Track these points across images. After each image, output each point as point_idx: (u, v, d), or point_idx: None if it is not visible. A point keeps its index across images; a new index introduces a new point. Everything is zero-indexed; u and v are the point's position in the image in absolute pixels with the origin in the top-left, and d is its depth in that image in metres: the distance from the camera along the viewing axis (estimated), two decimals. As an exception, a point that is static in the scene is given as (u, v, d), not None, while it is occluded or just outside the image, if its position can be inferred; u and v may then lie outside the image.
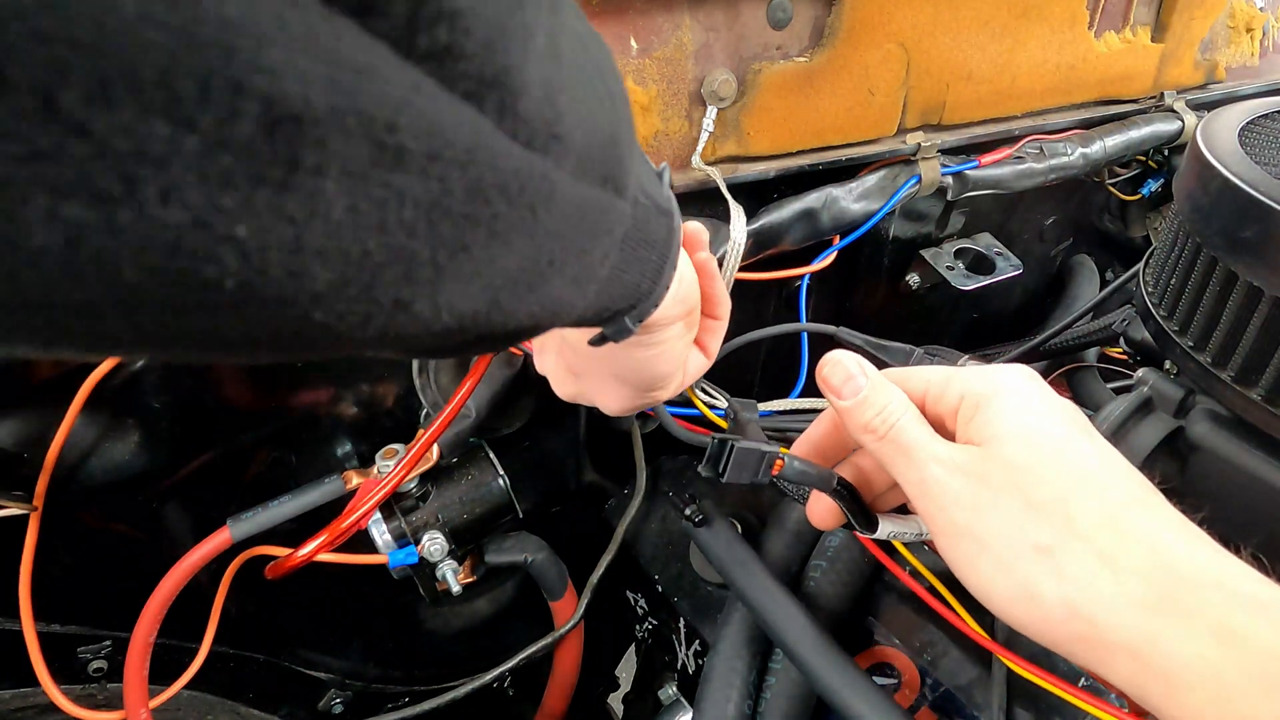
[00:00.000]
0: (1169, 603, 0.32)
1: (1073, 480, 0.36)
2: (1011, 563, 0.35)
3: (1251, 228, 0.48)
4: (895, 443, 0.39)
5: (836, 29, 0.68)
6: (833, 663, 0.50)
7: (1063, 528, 0.35)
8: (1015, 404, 0.38)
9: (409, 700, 0.68)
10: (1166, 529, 0.35)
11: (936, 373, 0.42)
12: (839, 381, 0.41)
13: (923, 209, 0.84)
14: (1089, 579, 0.33)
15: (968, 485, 0.37)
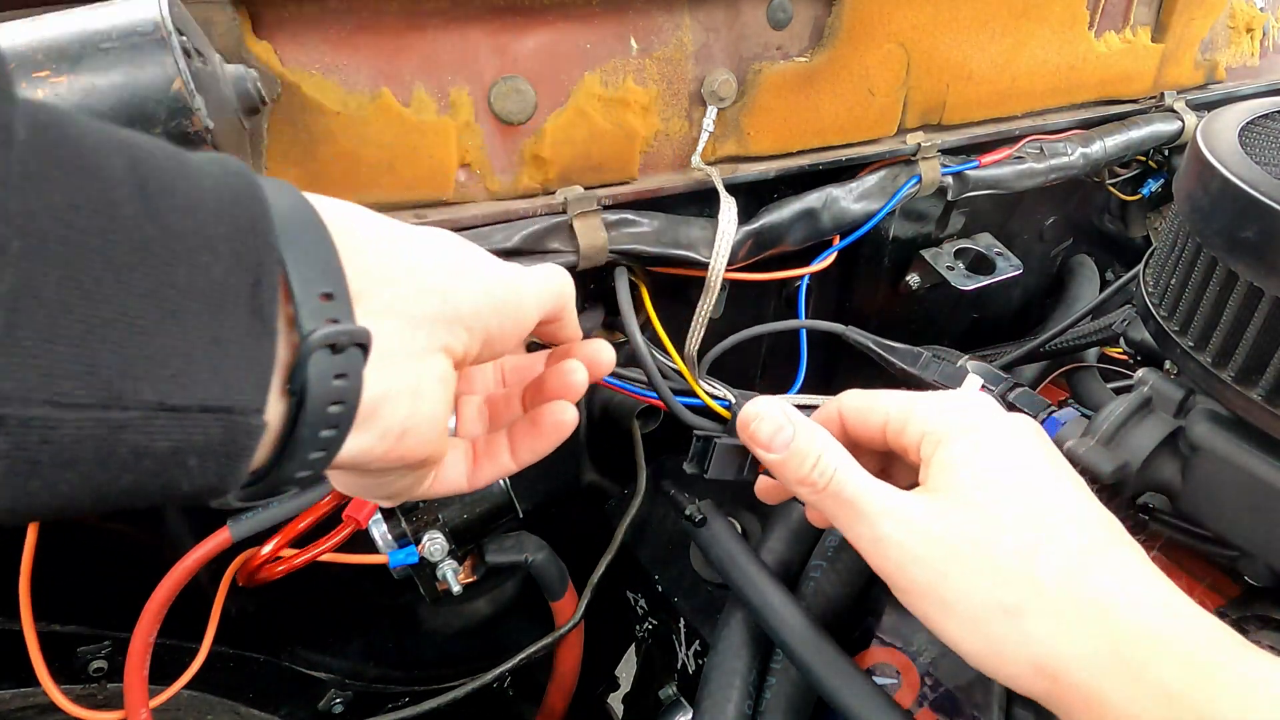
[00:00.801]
0: (1119, 663, 0.33)
1: (1034, 531, 0.36)
2: (979, 624, 0.36)
3: (1251, 228, 0.48)
4: (838, 496, 0.38)
5: (836, 29, 0.68)
6: (833, 663, 0.50)
7: (1026, 587, 0.35)
8: (971, 446, 0.38)
9: (409, 700, 0.68)
10: (1124, 580, 0.36)
11: (896, 405, 0.41)
12: (767, 435, 0.40)
13: (923, 209, 0.84)
14: (1051, 640, 0.34)
15: (927, 543, 0.36)
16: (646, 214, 0.64)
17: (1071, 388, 0.90)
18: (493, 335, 0.36)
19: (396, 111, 0.55)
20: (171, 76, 0.41)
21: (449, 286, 0.33)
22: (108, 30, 0.41)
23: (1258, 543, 0.53)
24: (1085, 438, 0.57)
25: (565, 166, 0.61)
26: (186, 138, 0.43)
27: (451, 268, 0.34)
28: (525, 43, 0.58)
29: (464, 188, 0.59)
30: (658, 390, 0.64)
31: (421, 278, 0.32)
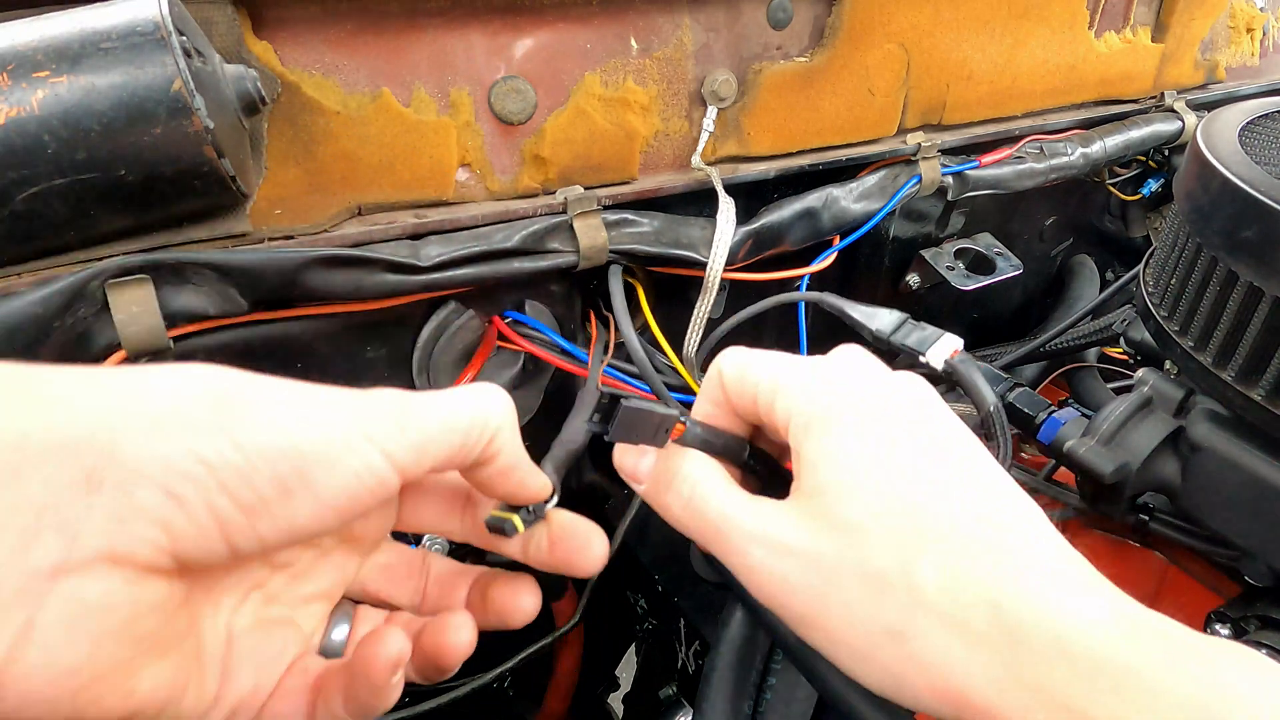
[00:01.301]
0: (1015, 678, 0.29)
1: (911, 537, 0.31)
2: (867, 654, 0.31)
3: (1251, 228, 0.48)
4: (701, 518, 0.34)
5: (837, 29, 0.68)
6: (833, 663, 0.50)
7: (908, 602, 0.31)
8: (840, 436, 0.33)
9: (409, 700, 0.68)
10: (1014, 578, 0.31)
11: (766, 376, 0.36)
12: (631, 466, 0.37)
13: (923, 209, 0.84)
14: (945, 661, 0.30)
15: (801, 568, 0.32)
16: (646, 214, 0.64)
17: (1071, 388, 0.90)
18: (246, 516, 0.26)
19: (397, 111, 0.55)
20: (171, 76, 0.41)
21: (119, 441, 0.24)
22: (108, 30, 0.41)
23: (1258, 542, 0.53)
24: (1085, 438, 0.57)
25: (565, 166, 0.61)
26: (186, 138, 0.43)
27: (131, 412, 0.24)
28: (525, 43, 0.58)
29: (464, 188, 0.59)
30: (651, 385, 0.64)
31: (54, 431, 0.23)
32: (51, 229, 0.44)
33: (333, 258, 0.50)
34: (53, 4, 0.44)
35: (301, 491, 0.27)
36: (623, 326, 0.63)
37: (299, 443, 0.27)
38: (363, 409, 0.29)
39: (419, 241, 0.55)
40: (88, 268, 0.45)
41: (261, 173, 0.52)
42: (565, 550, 0.38)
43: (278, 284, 0.49)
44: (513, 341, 0.62)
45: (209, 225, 0.49)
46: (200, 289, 0.48)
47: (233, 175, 0.46)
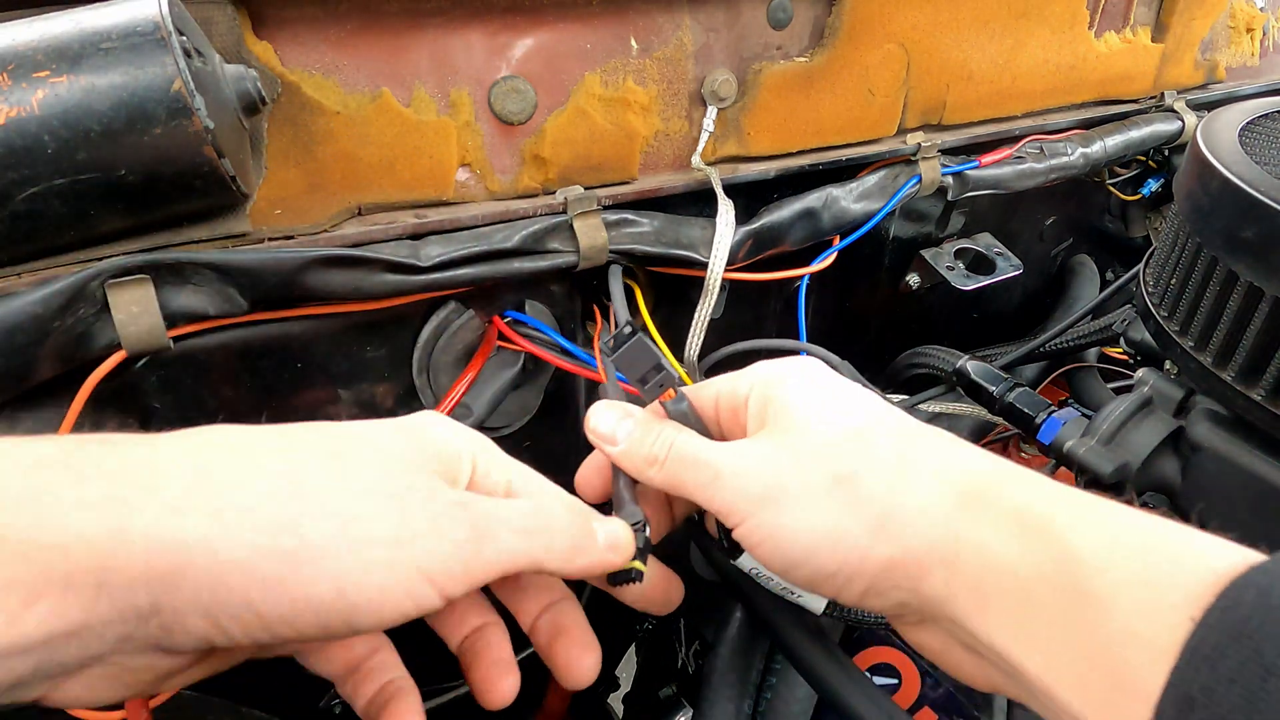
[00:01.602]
0: (971, 497, 0.32)
1: (864, 418, 0.36)
2: (813, 504, 0.34)
3: (1251, 228, 0.48)
4: (680, 459, 0.38)
5: (837, 29, 0.68)
6: (833, 663, 0.50)
7: (858, 453, 0.34)
8: (802, 381, 0.38)
9: (409, 700, 0.68)
10: (959, 444, 0.35)
11: (725, 378, 0.41)
12: (609, 428, 0.40)
13: (923, 209, 0.84)
14: (891, 492, 0.33)
15: (758, 460, 0.36)
16: (646, 214, 0.64)
17: (1071, 388, 0.90)
18: (280, 644, 0.31)
19: (397, 111, 0.55)
20: (171, 76, 0.41)
21: (182, 585, 0.26)
22: (108, 30, 0.41)
23: (1258, 542, 0.53)
24: (1085, 438, 0.57)
25: (565, 166, 0.61)
26: (186, 138, 0.43)
27: (197, 557, 0.26)
28: (525, 43, 0.58)
29: (464, 188, 0.59)
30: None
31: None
32: (51, 229, 0.44)
33: (333, 258, 0.50)
34: (53, 4, 0.44)
35: (342, 629, 0.30)
36: (621, 325, 0.63)
37: (354, 600, 0.29)
38: (433, 547, 0.30)
39: (419, 241, 0.55)
40: (88, 268, 0.45)
41: (261, 173, 0.52)
42: (657, 593, 0.42)
43: (278, 284, 0.49)
44: (513, 341, 0.62)
45: (209, 225, 0.49)
46: (200, 289, 0.48)
47: (233, 175, 0.46)
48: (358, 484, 0.30)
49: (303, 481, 0.29)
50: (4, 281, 0.45)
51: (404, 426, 0.35)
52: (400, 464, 0.32)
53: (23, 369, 0.44)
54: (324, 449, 0.31)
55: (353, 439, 0.32)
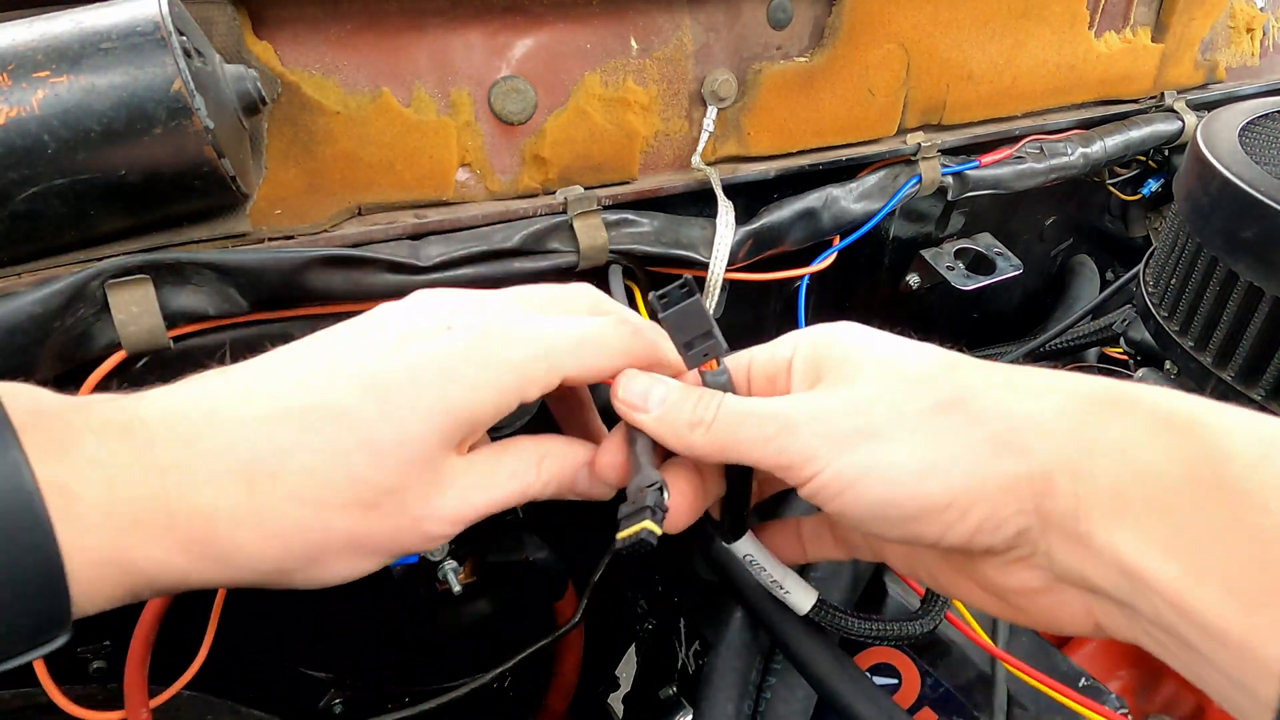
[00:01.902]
0: (1102, 403, 0.30)
1: (945, 354, 0.34)
2: (916, 435, 0.31)
3: (1251, 228, 0.48)
4: (731, 416, 0.34)
5: (837, 29, 0.68)
6: (832, 663, 0.50)
7: (960, 380, 0.32)
8: (861, 334, 0.36)
9: (409, 700, 0.68)
10: (1055, 371, 0.33)
11: (760, 347, 0.39)
12: (638, 396, 0.36)
13: (923, 209, 0.84)
14: (1006, 408, 0.31)
15: (840, 400, 0.33)
16: (647, 214, 0.64)
17: (1071, 388, 0.90)
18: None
19: (397, 111, 0.55)
20: (171, 76, 0.41)
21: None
22: (108, 30, 0.41)
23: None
24: (1085, 438, 0.57)
25: (565, 166, 0.61)
26: (186, 138, 0.43)
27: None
28: (525, 43, 0.58)
29: (464, 188, 0.59)
30: None
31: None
32: (51, 229, 0.44)
33: (333, 258, 0.50)
34: (53, 4, 0.44)
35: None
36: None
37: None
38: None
39: (419, 241, 0.55)
40: (88, 268, 0.45)
41: (261, 173, 0.52)
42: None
43: (278, 284, 0.49)
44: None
45: (209, 225, 0.49)
46: (200, 289, 0.48)
47: (233, 175, 0.46)
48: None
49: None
50: (4, 281, 0.45)
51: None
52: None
53: (23, 369, 0.44)
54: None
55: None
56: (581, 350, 0.35)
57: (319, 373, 0.31)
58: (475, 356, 0.32)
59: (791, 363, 0.37)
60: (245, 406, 0.30)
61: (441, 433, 0.31)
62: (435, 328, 0.32)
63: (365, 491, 0.30)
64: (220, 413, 0.29)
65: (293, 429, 0.29)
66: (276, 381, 0.31)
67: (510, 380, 0.32)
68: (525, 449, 0.36)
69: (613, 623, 0.85)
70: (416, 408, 0.30)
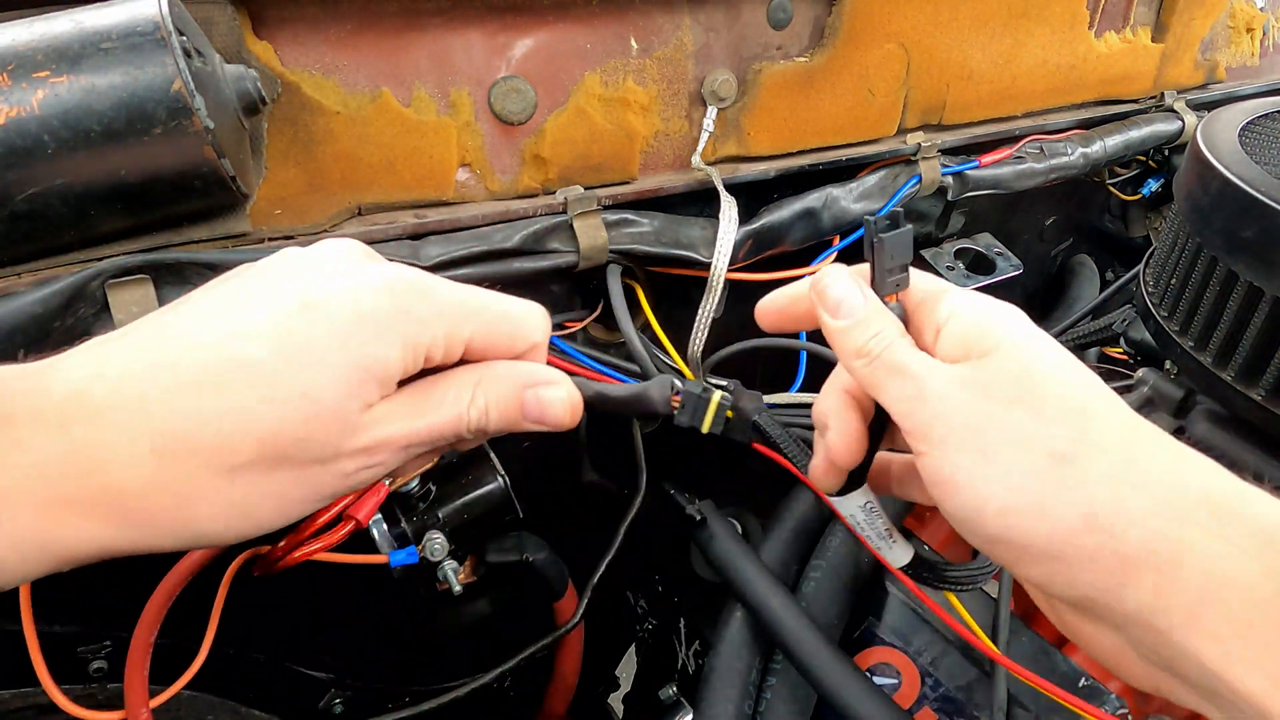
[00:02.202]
0: (1203, 510, 0.30)
1: (1087, 391, 0.33)
2: (1022, 472, 0.32)
3: (1251, 228, 0.48)
4: (889, 363, 0.36)
5: (837, 29, 0.68)
6: (833, 663, 0.50)
7: (1081, 436, 0.32)
8: (1016, 322, 0.36)
9: (409, 700, 0.68)
10: (1186, 449, 0.32)
11: (928, 281, 0.39)
12: (835, 299, 0.37)
13: (923, 209, 0.84)
14: (1113, 488, 0.31)
15: (971, 394, 0.33)
16: (646, 214, 0.64)
17: (1072, 388, 0.90)
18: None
19: (397, 111, 0.55)
20: (171, 76, 0.41)
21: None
22: (108, 30, 0.41)
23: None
24: (1085, 438, 0.57)
25: (565, 166, 0.61)
26: (186, 138, 0.43)
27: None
28: (525, 43, 0.58)
29: (464, 188, 0.59)
30: None
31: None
32: (51, 229, 0.44)
33: (333, 258, 0.50)
34: (53, 4, 0.44)
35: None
36: (623, 325, 0.63)
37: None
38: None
39: (419, 241, 0.55)
40: (88, 268, 0.45)
41: (261, 173, 0.52)
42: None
43: (278, 284, 0.49)
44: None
45: (209, 225, 0.49)
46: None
47: (233, 175, 0.46)
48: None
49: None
50: (4, 281, 0.45)
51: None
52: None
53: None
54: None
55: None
56: (489, 318, 0.35)
57: (226, 333, 0.31)
58: (383, 309, 0.32)
59: (942, 329, 0.37)
60: (153, 378, 0.30)
61: (351, 384, 0.31)
62: (344, 279, 0.32)
63: (277, 446, 0.30)
64: (129, 386, 0.30)
65: (202, 396, 0.30)
66: (182, 345, 0.31)
67: (416, 333, 0.33)
68: (458, 376, 0.35)
69: (613, 623, 0.85)
70: (324, 362, 0.31)
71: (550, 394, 0.36)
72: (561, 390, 0.37)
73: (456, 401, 0.35)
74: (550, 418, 0.36)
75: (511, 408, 0.36)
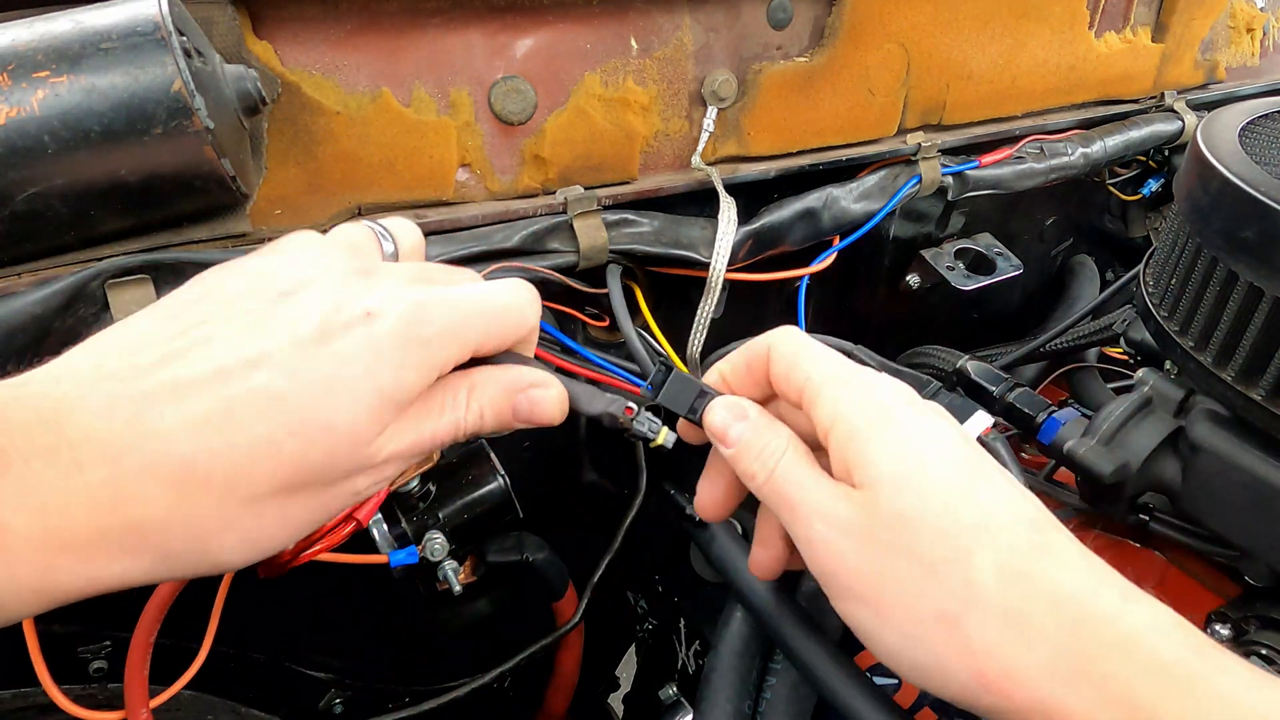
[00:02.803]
0: (1078, 671, 0.31)
1: (966, 532, 0.34)
2: (915, 635, 0.33)
3: (1252, 228, 0.48)
4: (777, 491, 0.37)
5: (837, 29, 0.68)
6: (833, 663, 0.50)
7: (963, 591, 0.33)
8: (894, 440, 0.36)
9: (409, 700, 0.68)
10: (1070, 576, 0.33)
11: (817, 373, 0.39)
12: (719, 428, 0.40)
13: (923, 209, 0.84)
14: (998, 649, 0.32)
15: (856, 547, 0.35)
16: (646, 214, 0.64)
17: (1071, 388, 0.90)
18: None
19: (396, 111, 0.55)
20: (171, 77, 0.41)
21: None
22: (108, 30, 0.41)
23: (1258, 543, 0.53)
24: (1085, 438, 0.57)
25: (565, 166, 0.61)
26: (187, 138, 0.43)
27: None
28: (525, 43, 0.58)
29: (464, 188, 0.59)
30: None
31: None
32: (51, 229, 0.44)
33: (333, 258, 0.50)
34: (53, 4, 0.44)
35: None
36: (622, 325, 0.63)
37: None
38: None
39: (419, 241, 0.55)
40: (88, 268, 0.45)
41: (261, 173, 0.52)
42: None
43: (278, 284, 0.49)
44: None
45: (209, 225, 0.49)
46: (200, 289, 0.48)
47: (233, 175, 0.46)
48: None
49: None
50: (4, 281, 0.45)
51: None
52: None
53: (22, 368, 0.44)
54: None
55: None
56: (492, 321, 0.36)
57: (243, 361, 0.30)
58: (399, 337, 0.32)
59: (829, 433, 0.37)
60: (172, 413, 0.29)
61: (370, 413, 0.32)
62: (356, 316, 0.32)
63: (297, 477, 0.31)
64: (146, 423, 0.29)
65: (220, 431, 0.29)
66: (200, 374, 0.30)
67: (431, 357, 0.33)
68: (452, 384, 0.36)
69: (613, 623, 0.85)
70: (345, 394, 0.31)
71: (539, 394, 0.38)
72: (550, 390, 0.38)
73: (454, 408, 0.36)
74: (540, 417, 0.38)
75: (504, 409, 0.37)
